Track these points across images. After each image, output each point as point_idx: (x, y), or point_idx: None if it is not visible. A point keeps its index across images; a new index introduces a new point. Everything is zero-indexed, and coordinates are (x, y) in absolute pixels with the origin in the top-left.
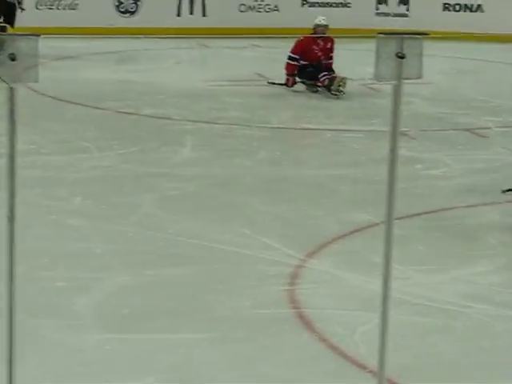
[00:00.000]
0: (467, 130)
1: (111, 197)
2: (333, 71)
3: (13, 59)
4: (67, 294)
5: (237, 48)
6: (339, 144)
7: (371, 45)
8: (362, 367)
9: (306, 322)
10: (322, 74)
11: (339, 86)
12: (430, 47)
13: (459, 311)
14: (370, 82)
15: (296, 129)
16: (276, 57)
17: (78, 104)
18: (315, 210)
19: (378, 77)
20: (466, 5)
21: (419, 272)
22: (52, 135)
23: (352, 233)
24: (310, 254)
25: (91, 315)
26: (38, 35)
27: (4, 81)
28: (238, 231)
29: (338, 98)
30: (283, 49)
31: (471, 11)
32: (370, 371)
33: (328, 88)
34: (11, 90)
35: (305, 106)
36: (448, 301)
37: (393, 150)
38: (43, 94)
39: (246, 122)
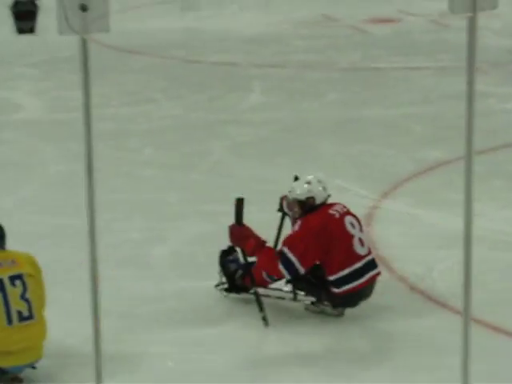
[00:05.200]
0: None
1: (182, 146)
2: None
3: (84, 9)
4: (144, 244)
5: None
6: (409, 82)
7: None
8: (443, 305)
9: (383, 263)
10: None
11: None
12: None
13: None
14: (438, 17)
15: (365, 69)
16: None
17: (145, 54)
18: (388, 150)
19: (452, 9)
20: None
21: (497, 207)
22: (120, 87)
23: (426, 171)
24: (385, 194)
25: (169, 264)
26: None
27: (75, 32)
28: (311, 174)
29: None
30: None
31: None
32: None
33: None
34: (83, 40)
35: (374, 45)
36: None
37: (470, 83)
38: (109, 47)
39: (314, 65)
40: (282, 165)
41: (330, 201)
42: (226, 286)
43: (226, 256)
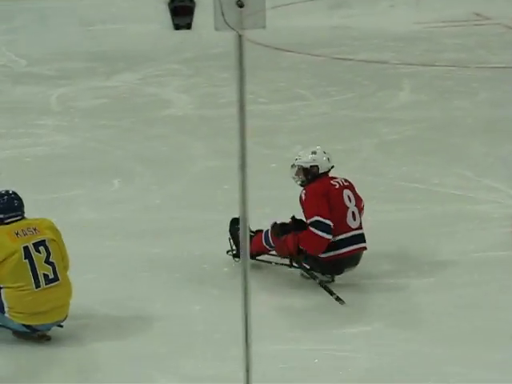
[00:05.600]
0: None
1: (330, 143)
2: None
3: (240, 6)
4: None
5: None
6: None
7: None
8: None
9: None
10: None
11: None
12: None
13: None
14: None
15: None
16: None
17: (293, 52)
18: None
19: None
20: None
21: None
22: (269, 84)
23: None
24: None
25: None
26: None
27: (232, 28)
28: (460, 174)
29: None
30: None
31: None
32: None
33: None
34: (239, 37)
35: None
36: None
37: None
38: (258, 43)
39: (465, 63)
40: (430, 164)
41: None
42: (235, 252)
43: (235, 224)
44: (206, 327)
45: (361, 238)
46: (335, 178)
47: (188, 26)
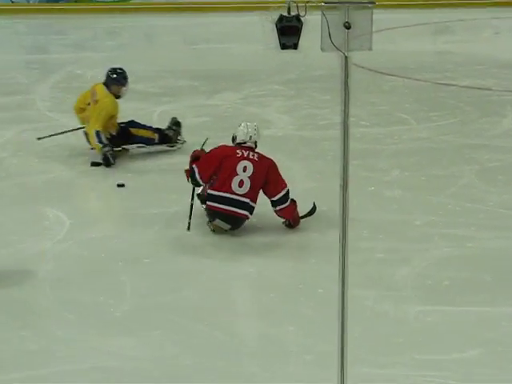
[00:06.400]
0: None
1: (430, 168)
2: None
3: (347, 27)
4: (388, 265)
5: None
6: None
7: None
8: None
9: None
10: None
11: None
12: None
13: None
14: None
15: None
16: None
17: (396, 76)
18: None
19: None
20: None
21: None
22: (370, 107)
23: None
24: None
25: (411, 286)
26: (374, 3)
27: (338, 49)
28: None
29: None
30: None
31: None
32: None
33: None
34: (345, 58)
35: None
36: None
37: None
38: (361, 67)
39: None
40: None
41: None
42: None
43: None
44: (299, 348)
45: (240, 204)
46: (249, 149)
47: (294, 46)
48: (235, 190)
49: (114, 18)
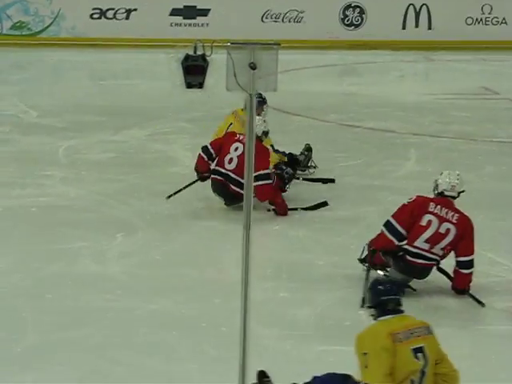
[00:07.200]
0: None
1: (334, 209)
2: None
3: (253, 68)
4: (290, 304)
5: (462, 61)
6: None
7: None
8: None
9: None
10: None
11: None
12: None
13: None
14: None
15: None
16: (503, 70)
17: (301, 116)
18: None
19: None
20: None
21: None
22: (276, 146)
23: None
24: None
25: (313, 326)
26: (279, 44)
27: (244, 89)
28: None
29: None
30: (511, 62)
31: None
32: None
33: None
34: (250, 98)
35: None
36: None
37: None
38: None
39: (472, 136)
40: None
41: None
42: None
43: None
44: None
45: (229, 178)
46: (243, 137)
47: (200, 85)
48: (226, 166)
49: (22, 52)
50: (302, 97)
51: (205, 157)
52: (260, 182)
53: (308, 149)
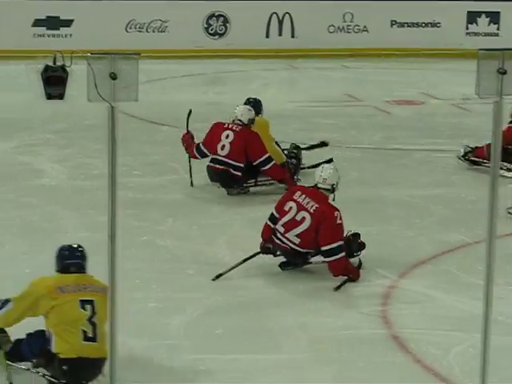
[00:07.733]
0: None
1: (202, 218)
2: None
3: (113, 78)
4: (161, 314)
5: (325, 69)
6: (431, 164)
7: (461, 65)
8: None
9: (399, 343)
10: None
11: None
12: None
13: None
14: (460, 101)
15: (387, 149)
16: (365, 77)
17: (168, 125)
18: (408, 231)
19: (479, 93)
20: None
21: None
22: (143, 156)
23: (445, 253)
24: (403, 275)
25: (184, 335)
26: (138, 54)
27: (104, 99)
28: None
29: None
30: (372, 69)
31: None
32: None
33: None
34: (112, 109)
35: (396, 126)
36: None
37: (494, 167)
38: (133, 116)
39: (337, 143)
40: None
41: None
42: None
43: None
44: None
45: (220, 162)
46: (235, 125)
47: (60, 96)
48: (218, 151)
49: None
50: (169, 106)
51: (199, 157)
52: (267, 166)
53: (296, 147)
